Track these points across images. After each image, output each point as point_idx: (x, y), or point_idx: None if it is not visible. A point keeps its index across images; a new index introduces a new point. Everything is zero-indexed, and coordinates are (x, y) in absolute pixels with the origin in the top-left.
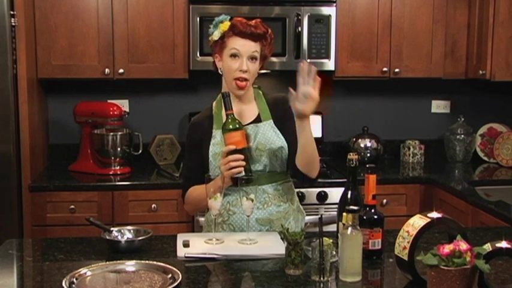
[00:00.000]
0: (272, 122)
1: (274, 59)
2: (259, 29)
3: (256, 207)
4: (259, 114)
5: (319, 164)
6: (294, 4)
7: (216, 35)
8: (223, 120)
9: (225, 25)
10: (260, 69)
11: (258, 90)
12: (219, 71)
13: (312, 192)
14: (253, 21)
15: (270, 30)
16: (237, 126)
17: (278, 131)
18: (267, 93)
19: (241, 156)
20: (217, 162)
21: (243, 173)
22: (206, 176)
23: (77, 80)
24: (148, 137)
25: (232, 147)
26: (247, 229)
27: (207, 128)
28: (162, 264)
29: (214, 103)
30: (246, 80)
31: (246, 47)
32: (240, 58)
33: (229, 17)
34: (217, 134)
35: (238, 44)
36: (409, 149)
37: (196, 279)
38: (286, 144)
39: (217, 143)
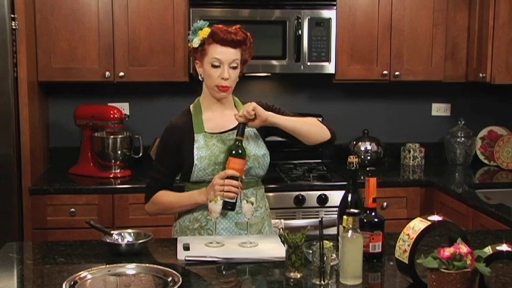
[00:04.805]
0: (255, 128)
1: (274, 62)
2: (239, 35)
3: (235, 212)
4: None
5: (324, 125)
6: (294, 7)
7: (195, 42)
8: (204, 124)
9: (205, 32)
10: (240, 72)
11: (236, 98)
12: (200, 77)
13: (312, 195)
14: (233, 27)
15: (249, 35)
16: (243, 155)
17: (261, 138)
18: (244, 102)
19: (240, 184)
20: (203, 165)
21: (234, 200)
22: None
23: (77, 83)
24: (148, 140)
25: (236, 173)
26: (247, 229)
27: (187, 131)
28: (162, 267)
29: (191, 106)
30: (227, 86)
31: (226, 54)
32: (221, 66)
33: (207, 23)
34: (199, 138)
35: (218, 51)
36: (409, 152)
37: (197, 282)
38: (268, 152)
39: (202, 147)
